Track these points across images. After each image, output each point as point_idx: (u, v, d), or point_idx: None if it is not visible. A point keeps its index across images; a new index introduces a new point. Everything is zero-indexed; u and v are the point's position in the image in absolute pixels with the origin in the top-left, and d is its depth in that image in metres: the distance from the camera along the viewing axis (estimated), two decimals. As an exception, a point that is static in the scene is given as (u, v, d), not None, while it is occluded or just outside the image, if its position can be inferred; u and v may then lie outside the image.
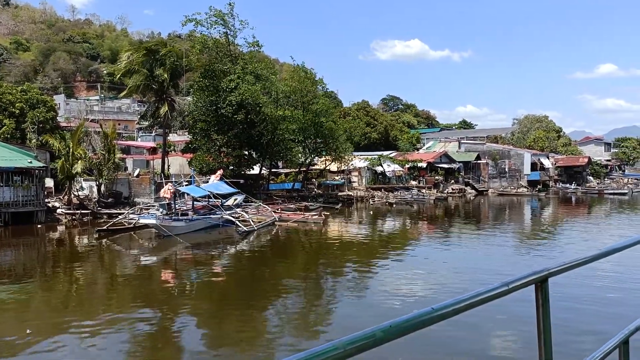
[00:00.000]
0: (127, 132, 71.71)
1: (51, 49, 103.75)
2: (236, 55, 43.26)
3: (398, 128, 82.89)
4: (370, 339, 1.51)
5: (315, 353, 1.38)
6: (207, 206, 31.12)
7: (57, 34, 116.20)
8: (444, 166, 61.58)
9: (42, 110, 44.52)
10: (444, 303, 1.79)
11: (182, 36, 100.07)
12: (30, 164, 31.95)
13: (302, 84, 43.73)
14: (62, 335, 11.61)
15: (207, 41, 41.22)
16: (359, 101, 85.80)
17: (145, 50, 40.66)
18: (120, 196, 36.20)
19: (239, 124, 40.22)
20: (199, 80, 42.31)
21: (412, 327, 1.65)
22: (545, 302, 2.32)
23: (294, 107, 43.24)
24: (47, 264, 21.90)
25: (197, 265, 20.89)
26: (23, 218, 30.66)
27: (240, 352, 10.73)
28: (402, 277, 17.59)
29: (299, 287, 16.88)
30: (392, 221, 36.80)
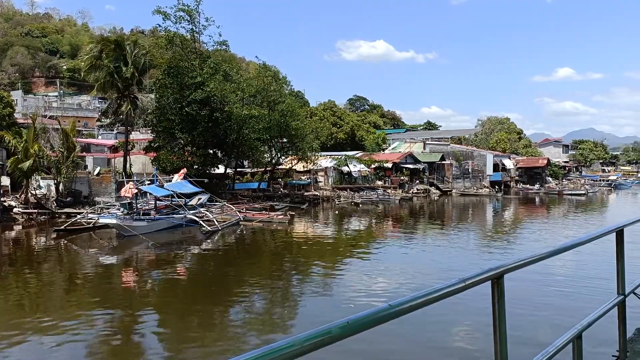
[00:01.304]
0: (88, 129, 69.84)
1: (8, 43, 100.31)
2: (202, 52, 42.68)
3: (364, 128, 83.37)
4: (327, 336, 1.52)
5: (272, 349, 1.38)
6: (170, 206, 30.57)
7: (15, 27, 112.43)
8: (409, 166, 62.25)
9: (-3, 105, 42.93)
10: (401, 300, 1.80)
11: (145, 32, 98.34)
12: (-16, 161, 30.74)
13: (268, 83, 43.48)
14: (19, 337, 11.14)
15: (173, 37, 40.53)
16: (326, 101, 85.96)
17: (113, 45, 39.58)
18: (79, 195, 35.22)
19: (204, 123, 39.66)
20: (162, 78, 41.52)
21: (369, 324, 1.66)
22: (501, 298, 2.38)
23: (260, 107, 42.94)
24: (2, 265, 21.04)
25: (159, 266, 20.45)
26: (-24, 218, 29.51)
27: (202, 351, 10.51)
28: (367, 275, 17.64)
29: (264, 286, 16.72)
30: (357, 221, 36.94)
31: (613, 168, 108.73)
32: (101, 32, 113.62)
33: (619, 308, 3.96)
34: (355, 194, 51.01)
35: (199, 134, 40.37)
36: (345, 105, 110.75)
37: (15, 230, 29.53)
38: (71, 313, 13.49)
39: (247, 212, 33.45)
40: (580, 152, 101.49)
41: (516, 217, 40.99)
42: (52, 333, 11.59)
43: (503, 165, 73.56)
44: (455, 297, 2.05)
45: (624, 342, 4.16)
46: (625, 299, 4.00)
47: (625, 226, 4.00)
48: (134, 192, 27.92)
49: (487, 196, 60.24)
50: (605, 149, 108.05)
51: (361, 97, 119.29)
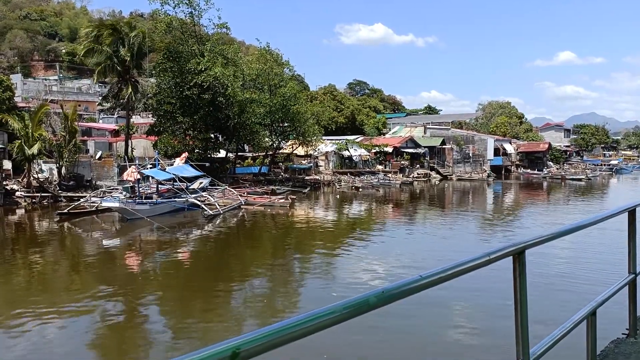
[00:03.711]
0: (88, 113, 69.68)
1: (7, 26, 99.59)
2: (201, 36, 42.45)
3: (365, 113, 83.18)
4: (364, 305, 1.60)
5: (314, 315, 1.46)
6: (172, 189, 30.70)
7: (14, 10, 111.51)
8: (409, 151, 62.26)
9: (-2, 89, 42.80)
10: (431, 271, 1.89)
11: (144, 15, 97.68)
12: (-14, 145, 30.81)
13: (269, 66, 43.31)
14: (23, 321, 11.34)
15: (172, 21, 40.28)
16: (326, 85, 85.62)
17: (110, 29, 39.41)
18: (81, 179, 35.35)
19: (205, 107, 39.60)
20: (162, 62, 41.34)
21: (402, 294, 1.75)
22: (522, 273, 2.45)
23: (261, 90, 42.83)
24: (6, 248, 21.25)
25: (161, 249, 20.65)
26: (-21, 201, 29.65)
27: (205, 332, 10.71)
28: (369, 259, 17.83)
29: (265, 269, 16.92)
30: (358, 205, 37.10)
31: (614, 152, 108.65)
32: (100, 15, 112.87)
33: (630, 287, 4.07)
34: (355, 178, 51.13)
35: (200, 118, 40.35)
36: (346, 89, 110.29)
37: (18, 214, 29.71)
38: (75, 296, 13.69)
39: (248, 196, 33.60)
40: (582, 136, 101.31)
41: (516, 202, 41.14)
42: (56, 316, 11.79)
43: (504, 150, 73.50)
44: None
45: (634, 320, 4.30)
46: (637, 278, 4.10)
47: (638, 206, 4.10)
48: (136, 176, 28.03)
49: (481, 181, 60.24)
50: (607, 133, 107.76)
51: (361, 81, 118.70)
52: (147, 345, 10.56)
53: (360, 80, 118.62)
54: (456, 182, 58.55)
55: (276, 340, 1.36)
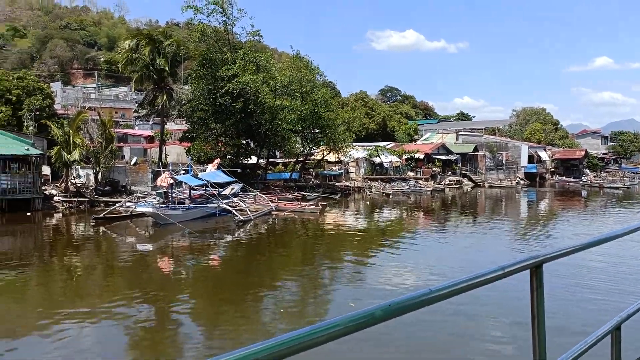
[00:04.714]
0: (125, 120, 71.48)
1: (48, 36, 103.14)
2: (234, 44, 43.07)
3: (396, 119, 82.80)
4: (370, 318, 1.56)
5: (318, 328, 1.43)
6: (204, 195, 31.14)
7: (54, 20, 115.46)
8: (441, 157, 61.64)
9: (39, 97, 44.39)
10: (442, 285, 1.83)
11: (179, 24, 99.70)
12: (27, 151, 31.87)
13: (301, 73, 43.61)
14: (59, 322, 11.66)
15: (205, 29, 40.99)
16: (357, 92, 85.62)
17: (146, 38, 40.44)
18: (117, 184, 36.19)
19: (237, 113, 40.13)
20: (197, 69, 42.13)
21: (410, 307, 1.70)
22: (540, 287, 2.36)
23: (293, 97, 43.15)
24: (44, 252, 21.93)
25: (193, 254, 20.96)
26: (20, 205, 30.63)
27: (235, 336, 10.81)
28: (398, 266, 17.70)
29: (295, 275, 16.97)
30: (389, 212, 36.90)
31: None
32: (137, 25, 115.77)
33: None
34: (386, 185, 50.89)
35: (232, 125, 40.89)
36: (377, 95, 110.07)
37: (56, 218, 30.61)
38: (110, 298, 14.01)
39: (279, 202, 33.81)
40: (620, 143, 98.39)
41: (550, 211, 40.23)
42: (92, 318, 12.08)
43: (538, 157, 72.07)
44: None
45: None
46: None
47: None
48: (169, 182, 28.54)
49: (511, 188, 59.12)
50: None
51: (393, 87, 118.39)
52: (178, 349, 10.72)
53: (392, 87, 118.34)
54: (488, 190, 57.62)
55: (278, 353, 1.33)
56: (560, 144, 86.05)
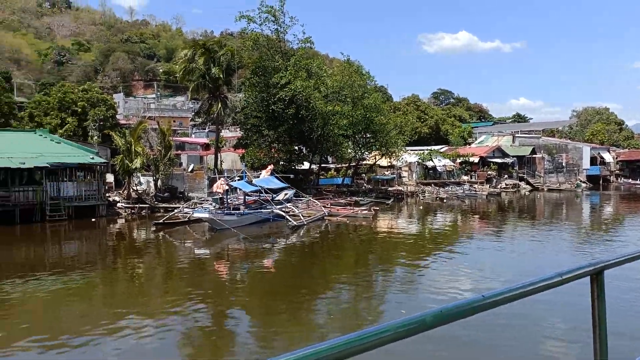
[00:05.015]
0: (182, 128, 73.85)
1: (110, 49, 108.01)
2: (286, 51, 43.74)
3: (449, 122, 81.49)
4: (420, 324, 1.56)
5: (368, 333, 1.45)
6: (258, 201, 31.71)
7: (116, 35, 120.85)
8: (497, 161, 60.14)
9: (102, 108, 46.62)
10: (496, 291, 1.80)
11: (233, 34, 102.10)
12: (92, 160, 33.51)
13: (352, 78, 43.74)
14: (120, 324, 12.22)
15: (258, 38, 41.82)
16: (409, 95, 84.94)
17: (202, 48, 41.78)
18: (175, 191, 37.43)
19: (290, 120, 40.71)
20: (250, 77, 43.09)
21: (462, 314, 1.68)
22: (601, 294, 2.29)
23: (344, 102, 43.31)
24: (108, 256, 23.00)
25: (248, 258, 21.40)
26: (85, 212, 32.18)
27: (289, 340, 10.98)
28: (452, 272, 17.42)
29: (348, 280, 17.02)
30: (443, 217, 36.34)
31: None
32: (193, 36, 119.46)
33: None
34: (440, 189, 50.16)
35: (285, 131, 41.50)
36: (429, 99, 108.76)
37: (119, 223, 31.98)
38: (168, 301, 14.53)
39: (331, 207, 33.98)
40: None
41: (615, 215, 38.43)
42: (151, 319, 12.58)
43: (601, 159, 69.02)
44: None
45: None
46: None
47: None
48: (224, 188, 29.27)
49: (569, 192, 56.78)
50: None
51: (445, 90, 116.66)
52: (234, 351, 11.01)
53: (445, 90, 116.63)
54: (546, 193, 55.67)
55: (328, 357, 1.34)
56: (625, 144, 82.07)
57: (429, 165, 55.79)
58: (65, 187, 31.91)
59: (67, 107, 45.90)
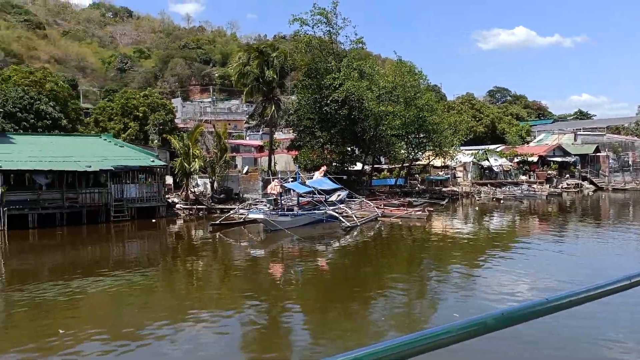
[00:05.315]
0: (237, 131, 75.41)
1: (169, 56, 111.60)
2: (338, 52, 43.87)
3: (506, 121, 79.23)
4: (481, 326, 1.54)
5: (430, 334, 1.46)
6: (311, 202, 31.96)
7: (174, 41, 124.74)
8: (557, 160, 57.97)
9: (162, 113, 48.37)
10: (560, 294, 1.74)
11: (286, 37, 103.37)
12: (153, 162, 34.81)
13: (404, 78, 43.35)
14: (178, 321, 12.66)
15: (311, 40, 42.17)
16: (463, 94, 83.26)
17: (256, 52, 42.64)
18: (231, 192, 38.31)
19: (342, 121, 40.82)
20: (303, 79, 43.53)
21: (524, 317, 1.64)
22: None
23: (396, 102, 43.01)
24: (168, 255, 23.87)
25: (302, 259, 21.65)
26: (146, 213, 33.45)
27: (342, 342, 11.05)
28: (510, 275, 16.97)
29: (402, 281, 16.92)
30: (500, 217, 35.42)
31: None
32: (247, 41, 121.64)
33: None
34: (496, 190, 48.89)
35: (338, 132, 41.65)
36: (485, 97, 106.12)
37: (177, 224, 33.06)
38: (225, 299, 14.94)
39: (385, 208, 33.81)
40: None
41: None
42: (208, 317, 12.96)
43: (672, 157, 65.17)
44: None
45: None
46: None
47: None
48: (278, 189, 29.70)
49: (634, 192, 53.79)
50: None
51: (502, 88, 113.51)
52: (288, 350, 11.19)
53: (501, 87, 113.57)
54: (612, 193, 53.13)
55: (386, 358, 1.34)
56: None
57: (484, 165, 54.49)
58: (128, 189, 33.25)
59: (129, 112, 47.92)
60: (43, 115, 40.62)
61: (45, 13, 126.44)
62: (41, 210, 29.81)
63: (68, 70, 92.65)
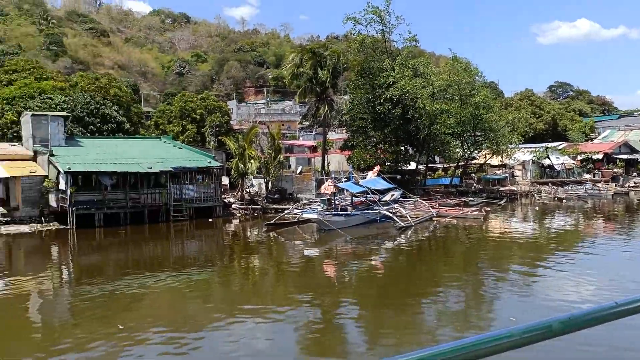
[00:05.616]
0: (290, 132, 76.22)
1: (225, 59, 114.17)
2: (392, 51, 43.51)
3: (568, 117, 76.22)
4: (547, 330, 1.48)
5: (491, 337, 1.41)
6: (365, 201, 31.87)
7: (230, 45, 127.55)
8: (623, 157, 55.27)
9: (218, 115, 49.64)
10: (631, 298, 1.65)
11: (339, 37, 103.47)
12: (210, 163, 35.73)
13: (459, 76, 42.46)
14: (236, 318, 12.95)
15: (364, 39, 42.01)
16: (522, 90, 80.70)
17: (309, 52, 43.02)
18: (285, 192, 38.77)
19: (396, 120, 40.48)
20: (356, 79, 43.45)
21: (592, 321, 1.56)
22: None
23: (451, 100, 42.20)
24: (225, 254, 24.45)
25: (356, 259, 21.63)
26: (204, 212, 34.33)
27: (397, 342, 10.98)
28: (573, 278, 16.32)
29: (457, 283, 16.61)
30: (562, 218, 34.11)
31: None
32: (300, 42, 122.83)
33: None
34: (558, 189, 47.12)
35: (391, 132, 41.33)
36: (545, 93, 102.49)
37: (233, 224, 33.78)
38: (280, 298, 15.15)
39: (440, 208, 33.27)
40: None
41: None
42: (263, 315, 13.18)
43: None
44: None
45: None
46: None
47: None
48: (332, 189, 29.80)
49: None
50: None
51: (564, 83, 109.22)
52: (343, 349, 11.23)
53: (563, 82, 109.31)
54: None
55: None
56: None
57: (545, 164, 52.63)
58: (186, 190, 34.25)
59: (187, 114, 49.42)
60: (108, 119, 42.55)
61: (109, 21, 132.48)
62: (106, 209, 31.19)
63: (130, 75, 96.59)
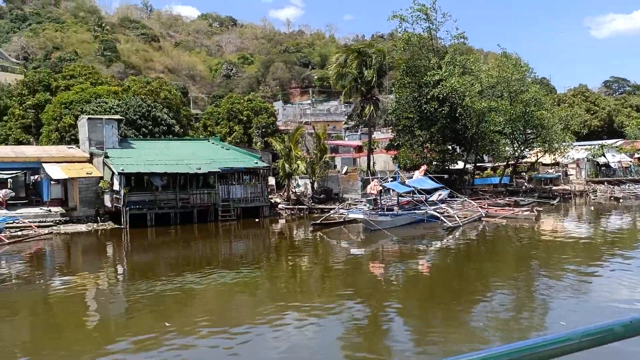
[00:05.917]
0: (335, 131, 76.32)
1: (270, 60, 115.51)
2: (439, 49, 42.87)
3: (625, 113, 73.05)
4: (608, 333, 1.42)
5: (550, 340, 1.37)
6: (411, 201, 31.56)
7: (275, 46, 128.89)
8: (686, 154, 52.44)
9: (264, 116, 50.31)
10: None
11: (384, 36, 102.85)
12: (256, 164, 36.26)
13: (508, 72, 41.38)
14: (281, 316, 13.09)
15: (410, 37, 41.57)
16: (576, 86, 77.90)
17: (355, 52, 42.99)
18: (330, 192, 38.88)
19: (443, 119, 39.87)
20: (401, 78, 43.05)
21: None
22: None
23: (500, 98, 41.20)
24: (272, 253, 24.75)
25: (402, 259, 21.45)
26: (251, 212, 34.87)
27: (444, 345, 10.82)
28: (632, 281, 15.62)
29: (507, 284, 16.20)
30: (619, 218, 32.72)
31: None
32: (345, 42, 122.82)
33: None
34: (614, 188, 45.25)
35: (438, 130, 40.73)
36: (600, 88, 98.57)
37: (280, 223, 34.13)
38: (326, 297, 15.19)
39: (489, 208, 32.57)
40: None
41: None
42: (310, 314, 13.25)
43: None
44: None
45: None
46: None
47: None
48: (378, 189, 29.66)
49: None
50: None
51: (620, 78, 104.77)
52: (389, 350, 11.15)
53: (619, 77, 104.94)
54: None
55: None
56: None
57: (600, 162, 50.63)
58: (234, 190, 34.87)
59: (234, 116, 50.32)
60: (159, 122, 43.85)
61: (159, 26, 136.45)
62: (158, 209, 32.14)
63: (179, 78, 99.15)
